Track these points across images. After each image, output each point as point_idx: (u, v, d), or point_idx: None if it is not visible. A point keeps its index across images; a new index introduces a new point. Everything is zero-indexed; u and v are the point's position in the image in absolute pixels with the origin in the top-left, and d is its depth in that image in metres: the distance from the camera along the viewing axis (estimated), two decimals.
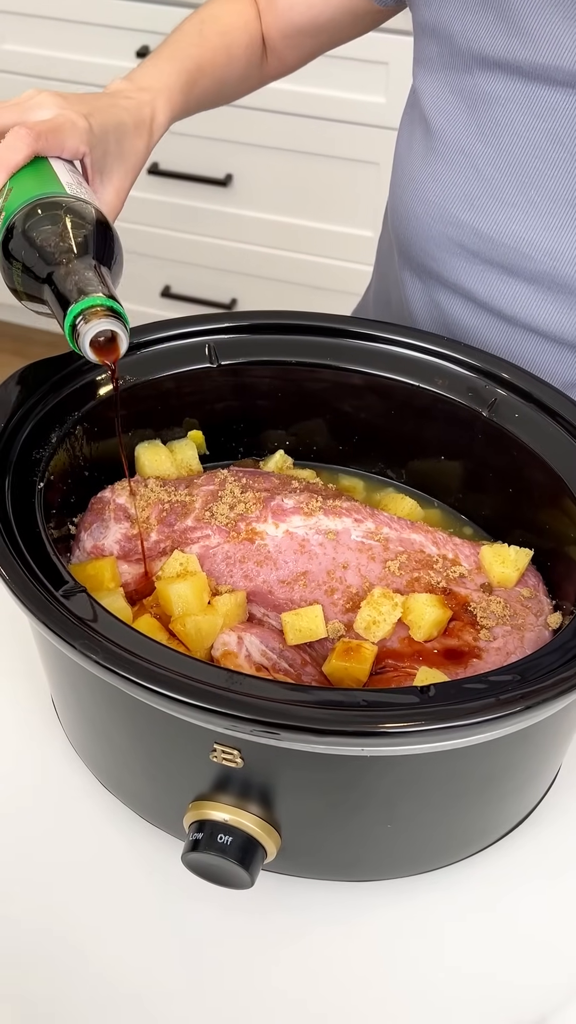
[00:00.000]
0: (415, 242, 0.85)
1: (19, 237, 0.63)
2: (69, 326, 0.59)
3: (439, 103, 0.81)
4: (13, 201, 0.64)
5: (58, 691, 0.65)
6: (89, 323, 0.58)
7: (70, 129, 0.67)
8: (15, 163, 0.65)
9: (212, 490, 0.71)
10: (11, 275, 0.64)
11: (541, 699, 0.50)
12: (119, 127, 0.72)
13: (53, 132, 0.66)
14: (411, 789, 0.55)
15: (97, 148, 0.70)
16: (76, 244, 0.61)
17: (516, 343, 0.83)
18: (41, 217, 0.63)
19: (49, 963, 0.59)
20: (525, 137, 0.75)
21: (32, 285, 0.63)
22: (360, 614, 0.64)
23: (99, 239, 0.63)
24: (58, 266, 0.61)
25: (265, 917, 0.61)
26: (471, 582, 0.68)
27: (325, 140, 1.81)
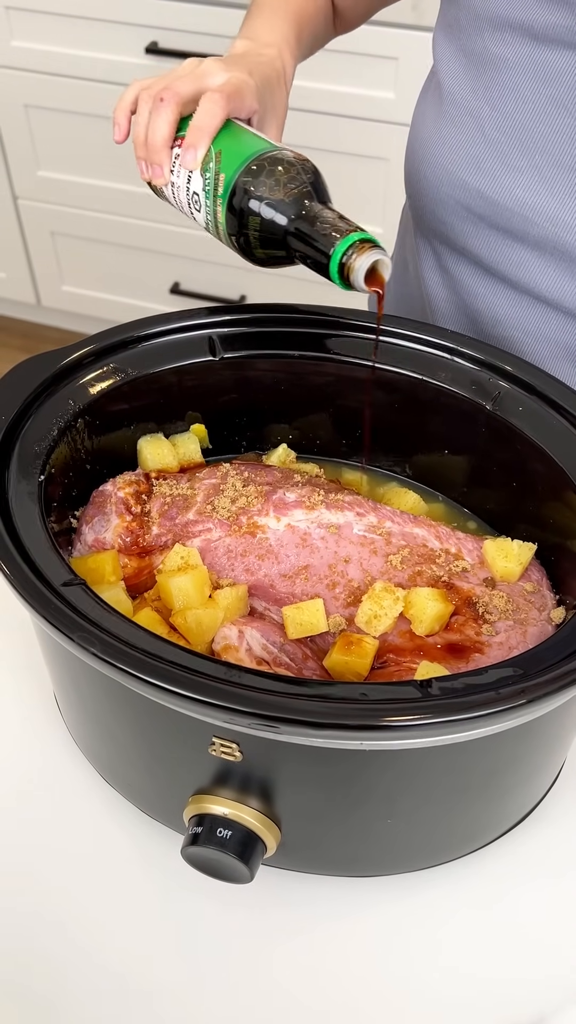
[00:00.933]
0: (426, 205, 0.86)
1: (253, 193, 0.65)
2: (337, 265, 0.63)
3: (451, 66, 0.82)
4: (229, 161, 0.67)
5: (59, 685, 0.65)
6: (360, 258, 0.62)
7: (247, 89, 0.70)
8: (216, 126, 0.68)
9: (214, 484, 0.71)
10: (243, 228, 0.67)
11: (542, 693, 0.50)
12: (268, 82, 0.75)
13: (237, 93, 0.69)
14: (412, 784, 0.55)
15: (261, 104, 0.73)
16: (309, 191, 0.65)
17: (523, 309, 0.83)
18: (268, 171, 0.66)
19: (49, 955, 0.59)
20: (531, 102, 0.76)
21: (273, 236, 0.66)
22: (361, 608, 0.63)
23: (318, 181, 0.67)
24: (303, 214, 0.64)
25: (265, 912, 0.61)
26: (474, 576, 0.67)
27: (335, 136, 1.81)
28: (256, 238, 0.67)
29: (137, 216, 2.05)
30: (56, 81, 1.93)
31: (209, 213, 0.69)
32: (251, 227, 0.66)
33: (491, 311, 0.84)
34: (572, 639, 0.55)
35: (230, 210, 0.67)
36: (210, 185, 0.68)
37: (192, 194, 0.70)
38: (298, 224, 0.64)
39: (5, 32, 1.90)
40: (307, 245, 0.64)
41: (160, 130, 0.69)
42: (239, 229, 0.67)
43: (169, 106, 0.69)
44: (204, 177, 0.68)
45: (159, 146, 0.70)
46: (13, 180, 2.11)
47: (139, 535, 0.68)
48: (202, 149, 0.68)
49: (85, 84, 1.91)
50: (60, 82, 1.92)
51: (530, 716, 0.50)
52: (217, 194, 0.67)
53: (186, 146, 0.68)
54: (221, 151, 0.67)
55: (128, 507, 0.69)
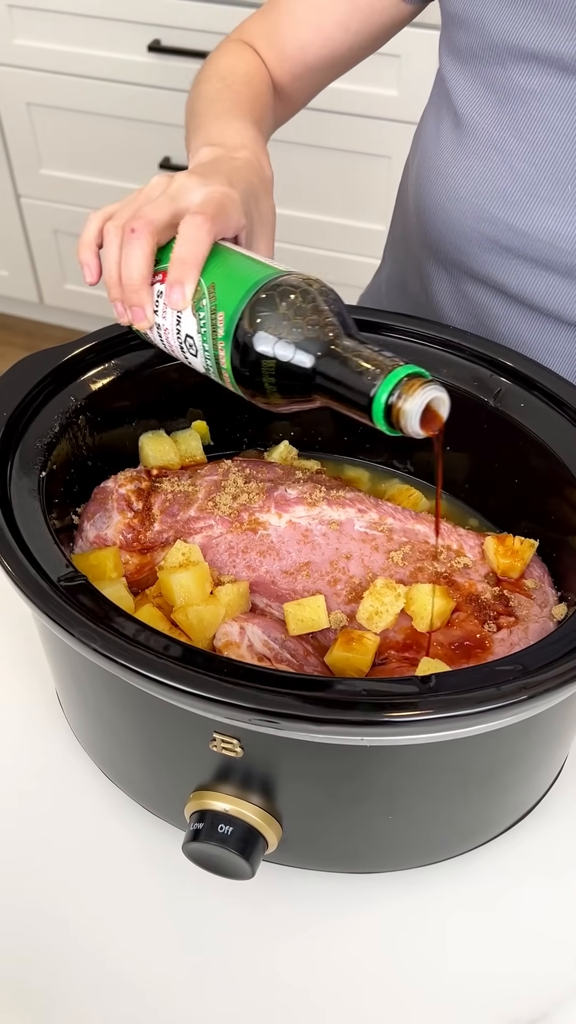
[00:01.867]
0: (444, 236, 0.84)
1: (263, 331, 0.55)
2: (382, 408, 0.53)
3: (470, 96, 0.80)
4: (226, 297, 0.57)
5: (61, 681, 0.65)
6: (412, 398, 0.52)
7: (231, 205, 0.62)
8: (203, 255, 0.59)
9: (215, 480, 0.71)
10: (259, 376, 0.57)
11: (543, 689, 0.50)
12: (253, 189, 0.67)
13: (221, 212, 0.60)
14: (413, 780, 0.55)
15: (248, 217, 0.65)
16: (332, 322, 0.55)
17: (548, 335, 0.82)
18: (278, 301, 0.56)
19: (51, 952, 0.59)
20: (561, 132, 0.74)
21: (295, 380, 0.56)
22: (363, 604, 0.63)
23: (339, 307, 0.57)
24: (332, 352, 0.54)
25: (266, 908, 0.61)
26: (475, 573, 0.67)
27: (337, 134, 1.81)
28: (272, 384, 0.56)
29: None
30: (59, 79, 1.93)
31: (209, 358, 0.59)
32: (265, 373, 0.56)
33: (515, 335, 0.83)
34: (573, 635, 0.55)
35: (236, 354, 0.57)
36: (206, 326, 0.58)
37: (185, 337, 0.60)
38: (326, 365, 0.54)
39: (8, 30, 1.90)
40: (340, 387, 0.54)
41: (135, 267, 0.60)
42: (250, 376, 0.57)
43: (142, 237, 0.59)
44: (198, 317, 0.58)
45: (136, 285, 0.60)
46: (16, 178, 2.12)
47: (140, 532, 0.68)
48: (190, 285, 0.58)
49: (88, 82, 1.91)
50: (63, 80, 1.93)
51: (531, 712, 0.50)
52: (216, 336, 0.58)
53: (171, 283, 0.59)
54: (215, 284, 0.58)
55: (129, 504, 0.69)
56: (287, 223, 2.02)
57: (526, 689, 0.50)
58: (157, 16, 1.79)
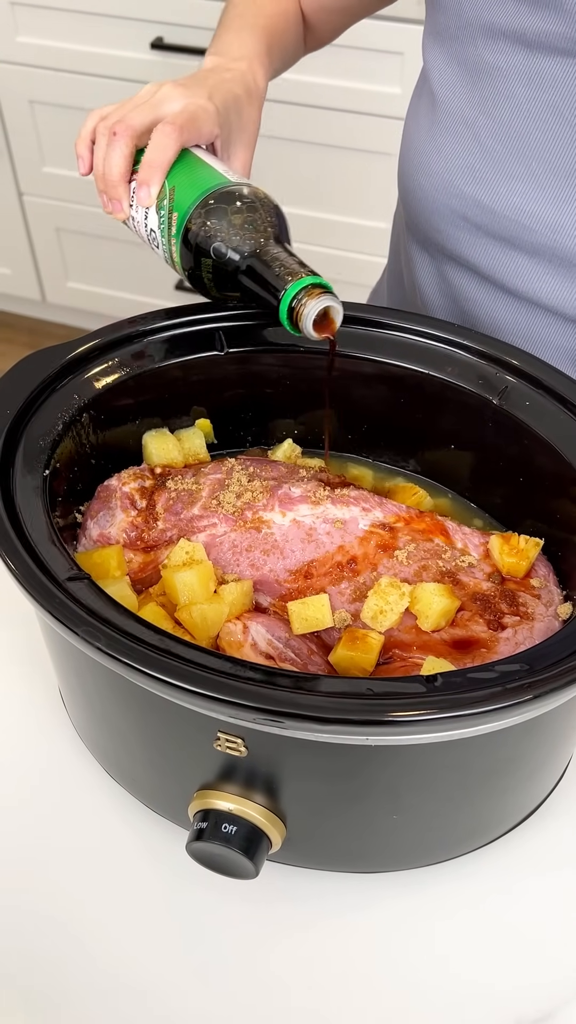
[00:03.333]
0: (421, 215, 0.86)
1: (205, 232, 0.64)
2: (286, 309, 0.61)
3: (444, 74, 0.81)
4: (182, 198, 0.65)
5: (64, 680, 0.65)
6: (309, 303, 0.61)
7: (203, 115, 0.68)
8: (168, 160, 0.66)
9: (219, 479, 0.70)
10: (197, 268, 0.65)
11: (549, 688, 0.50)
12: (236, 100, 0.73)
13: (191, 122, 0.67)
14: (417, 780, 0.55)
15: (224, 127, 0.71)
16: (264, 230, 0.63)
17: (522, 316, 0.82)
18: (221, 208, 0.64)
19: (54, 952, 0.59)
20: (526, 109, 0.75)
21: (226, 277, 0.64)
22: (367, 603, 0.63)
23: (277, 218, 0.65)
24: (255, 255, 0.63)
25: (270, 907, 0.61)
26: (480, 572, 0.67)
27: (340, 131, 1.80)
28: (210, 279, 0.65)
29: None
30: (61, 77, 1.93)
31: (165, 251, 0.68)
32: (204, 267, 0.65)
33: (490, 318, 0.84)
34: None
35: (184, 249, 0.65)
36: (164, 223, 0.66)
37: (149, 231, 0.68)
38: (251, 264, 0.63)
39: (10, 28, 1.90)
40: (259, 286, 0.63)
41: (115, 165, 0.68)
42: (193, 269, 0.66)
43: (122, 139, 0.67)
44: (159, 214, 0.67)
45: (115, 181, 0.68)
46: (18, 176, 2.11)
47: (144, 530, 0.68)
48: (155, 186, 0.66)
49: (90, 80, 1.90)
50: (65, 78, 1.92)
51: (537, 711, 0.50)
52: (171, 233, 0.66)
53: (139, 183, 0.67)
54: (175, 187, 0.66)
55: (133, 502, 0.69)
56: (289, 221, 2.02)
57: (532, 688, 0.49)
58: (160, 13, 1.79)
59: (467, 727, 0.49)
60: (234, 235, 0.63)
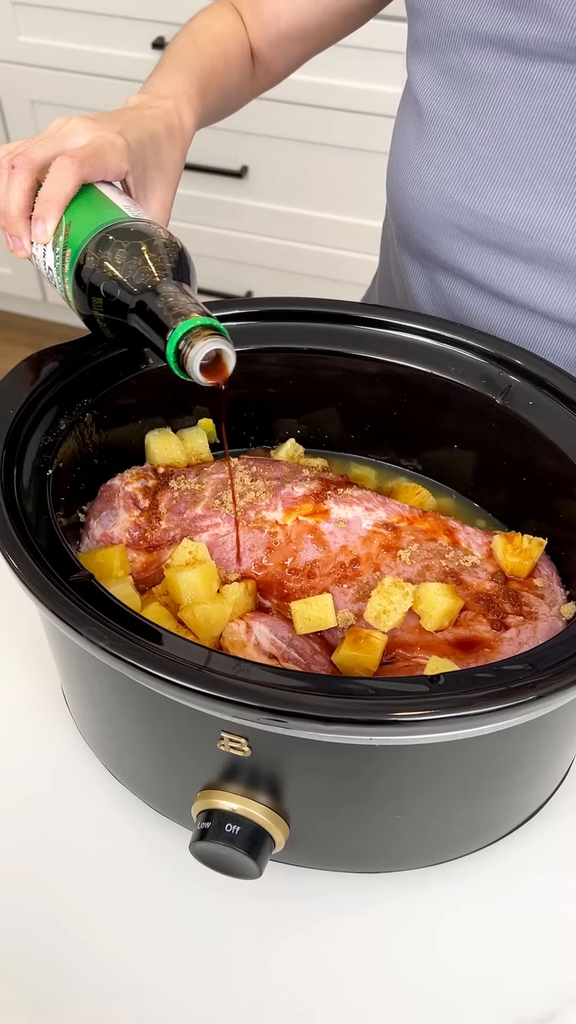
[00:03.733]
0: (413, 225, 0.85)
1: (96, 269, 0.60)
2: (173, 351, 0.57)
3: (430, 85, 0.81)
4: (77, 234, 0.61)
5: (67, 680, 0.65)
6: (196, 345, 0.56)
7: (110, 150, 0.65)
8: (66, 195, 0.62)
9: (222, 478, 0.70)
10: (89, 309, 0.62)
11: (552, 688, 0.50)
12: (154, 138, 0.69)
13: (95, 156, 0.64)
14: (421, 780, 0.55)
15: (138, 164, 0.67)
16: (158, 268, 0.59)
17: (517, 323, 0.82)
18: (114, 245, 0.60)
19: (57, 952, 0.59)
20: (517, 116, 0.75)
21: (117, 316, 0.60)
22: (371, 603, 0.63)
23: (175, 258, 0.61)
24: (146, 293, 0.58)
25: (273, 907, 0.61)
26: (483, 572, 0.67)
27: (339, 130, 1.80)
28: (102, 320, 0.62)
29: None
30: (63, 76, 1.92)
31: (61, 290, 0.64)
32: (95, 307, 0.61)
33: (486, 325, 0.84)
34: None
35: (77, 288, 0.61)
36: (59, 260, 0.62)
37: (47, 268, 0.65)
38: (140, 302, 0.58)
39: (12, 28, 1.90)
40: (148, 327, 0.58)
41: (13, 199, 0.63)
42: (88, 309, 0.62)
43: (20, 173, 0.63)
44: (55, 251, 0.63)
45: (14, 217, 0.64)
46: None
47: (147, 530, 0.68)
48: (51, 221, 0.62)
49: (92, 79, 1.90)
50: (67, 77, 1.92)
51: (541, 712, 0.50)
52: (65, 271, 0.62)
53: (34, 219, 0.63)
54: (71, 223, 0.62)
55: (136, 502, 0.69)
56: (291, 220, 2.02)
57: (535, 689, 0.49)
58: (161, 13, 1.78)
59: (470, 727, 0.49)
60: (125, 272, 0.59)
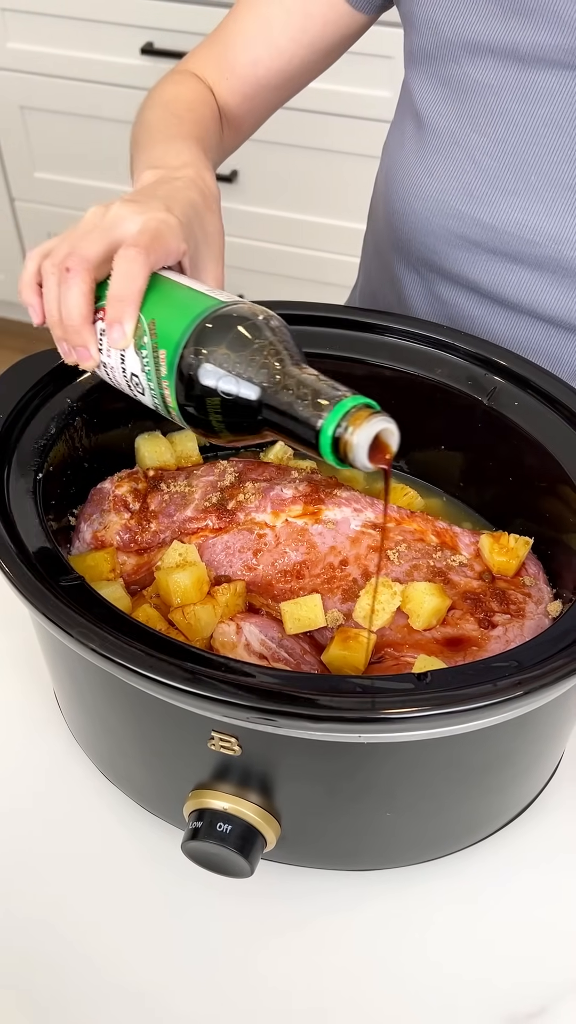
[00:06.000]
0: (415, 238, 0.85)
1: (206, 368, 0.53)
2: (330, 441, 0.50)
3: (429, 96, 0.81)
4: (167, 331, 0.55)
5: (59, 682, 0.65)
6: (359, 428, 0.49)
7: (168, 232, 0.59)
8: (140, 290, 0.56)
9: (212, 480, 0.71)
10: (204, 413, 0.55)
11: (538, 685, 0.50)
12: (195, 209, 0.64)
13: (156, 241, 0.57)
14: (410, 777, 0.55)
15: (190, 240, 0.62)
16: (277, 355, 0.53)
17: (521, 330, 0.82)
18: (220, 334, 0.53)
19: (51, 954, 0.59)
20: (522, 124, 0.75)
21: (242, 416, 0.53)
22: (359, 603, 0.64)
23: (285, 337, 0.55)
24: (276, 383, 0.52)
25: (265, 906, 0.62)
26: (471, 571, 0.67)
27: (330, 135, 1.81)
28: (220, 421, 0.54)
29: None
30: (52, 83, 1.93)
31: (156, 396, 0.57)
32: (211, 409, 0.54)
33: (489, 333, 0.84)
34: (568, 632, 0.55)
35: (181, 391, 0.54)
36: (150, 364, 0.55)
37: (130, 376, 0.58)
38: (271, 399, 0.52)
39: (0, 34, 1.90)
40: (288, 420, 0.51)
41: (74, 306, 0.57)
42: (197, 413, 0.55)
43: (78, 275, 0.57)
44: (140, 355, 0.56)
45: (77, 326, 0.57)
46: (10, 182, 2.12)
47: (137, 532, 0.69)
48: (129, 323, 0.56)
49: (81, 85, 1.91)
50: (56, 83, 1.93)
51: (527, 708, 0.51)
52: (160, 375, 0.55)
53: (109, 323, 0.56)
54: (155, 320, 0.55)
55: (126, 504, 0.70)
56: (282, 225, 2.03)
57: (522, 685, 0.50)
58: (150, 19, 1.79)
59: (457, 723, 0.49)
60: (243, 366, 0.52)
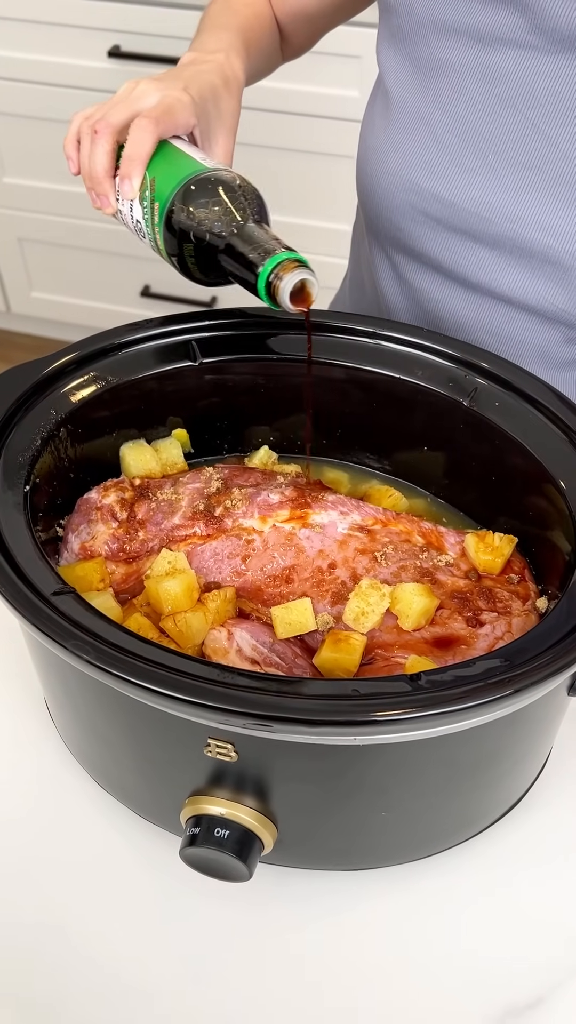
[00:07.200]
0: (382, 214, 0.87)
1: (185, 219, 0.66)
2: (264, 284, 0.63)
3: (398, 74, 0.83)
4: (162, 188, 0.67)
5: (51, 693, 0.65)
6: (285, 277, 0.63)
7: (179, 107, 0.70)
8: (147, 153, 0.68)
9: (198, 488, 0.71)
10: (183, 255, 0.68)
11: (529, 682, 0.51)
12: (213, 90, 0.75)
13: (167, 113, 0.69)
14: (405, 776, 0.56)
15: (202, 117, 0.73)
16: (241, 212, 0.66)
17: (485, 313, 0.84)
18: (198, 194, 0.66)
19: (51, 964, 0.59)
20: (480, 103, 0.77)
21: (209, 259, 0.67)
22: (349, 606, 0.64)
23: (254, 201, 0.67)
24: (233, 236, 0.65)
25: (264, 909, 0.62)
26: (457, 570, 0.68)
27: (301, 136, 1.81)
28: (193, 262, 0.68)
29: (105, 220, 2.05)
30: (19, 87, 1.92)
31: (151, 240, 0.70)
32: (187, 252, 0.68)
33: (453, 316, 0.85)
34: (555, 629, 0.56)
35: (168, 236, 0.68)
36: (148, 213, 0.69)
37: (136, 222, 0.71)
38: (229, 244, 0.65)
39: None
40: (239, 265, 0.65)
41: (99, 162, 0.70)
42: (179, 254, 0.68)
43: (103, 136, 0.70)
44: (143, 206, 0.69)
45: (100, 177, 0.71)
46: None
47: (125, 541, 0.69)
48: (136, 178, 0.69)
49: (48, 89, 1.90)
50: (24, 88, 1.92)
51: (518, 705, 0.52)
52: (155, 222, 0.68)
53: (120, 177, 0.70)
54: (155, 178, 0.68)
55: (113, 514, 0.70)
56: None
57: (512, 683, 0.51)
58: (116, 22, 1.78)
59: (452, 723, 0.50)
60: (213, 219, 0.66)
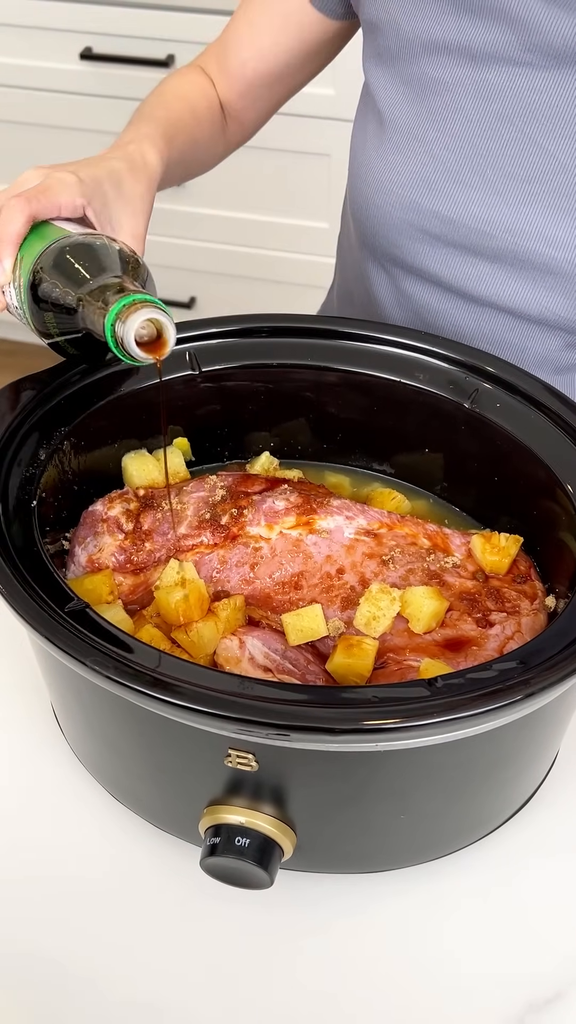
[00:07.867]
0: (379, 232, 0.87)
1: (43, 284, 0.62)
2: (110, 334, 0.57)
3: (390, 94, 0.83)
4: (28, 262, 0.64)
5: (62, 705, 0.65)
6: (127, 320, 0.56)
7: (59, 186, 0.67)
8: (16, 232, 0.65)
9: (203, 496, 0.71)
10: (43, 322, 0.63)
11: (546, 684, 0.52)
12: (112, 174, 0.72)
13: (43, 193, 0.66)
14: (423, 780, 0.56)
15: (95, 198, 0.69)
16: (97, 266, 0.61)
17: (485, 324, 0.84)
18: (56, 258, 0.62)
19: (66, 974, 0.59)
20: (475, 120, 0.78)
21: (66, 321, 0.61)
22: (359, 610, 0.65)
23: (118, 258, 0.62)
24: (83, 288, 0.60)
25: (284, 914, 0.62)
26: (464, 571, 0.69)
27: (276, 134, 1.81)
28: (59, 333, 0.63)
29: None
30: None
31: (25, 321, 0.65)
32: (49, 324, 0.62)
33: (453, 327, 0.86)
34: (568, 630, 0.56)
35: (33, 310, 0.63)
36: (19, 292, 0.64)
37: (15, 308, 0.66)
38: (81, 299, 0.59)
39: None
40: (91, 320, 0.59)
41: None
42: (46, 330, 0.63)
43: None
44: (15, 287, 0.65)
45: None
46: None
47: (132, 552, 0.69)
48: (7, 260, 0.65)
49: (20, 92, 1.89)
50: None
51: (535, 706, 0.52)
52: (22, 299, 0.64)
53: None
54: (23, 256, 0.64)
55: (119, 525, 0.70)
56: (230, 225, 2.02)
57: (529, 685, 0.51)
58: (88, 24, 1.77)
59: (471, 726, 0.51)
60: (68, 277, 0.60)
